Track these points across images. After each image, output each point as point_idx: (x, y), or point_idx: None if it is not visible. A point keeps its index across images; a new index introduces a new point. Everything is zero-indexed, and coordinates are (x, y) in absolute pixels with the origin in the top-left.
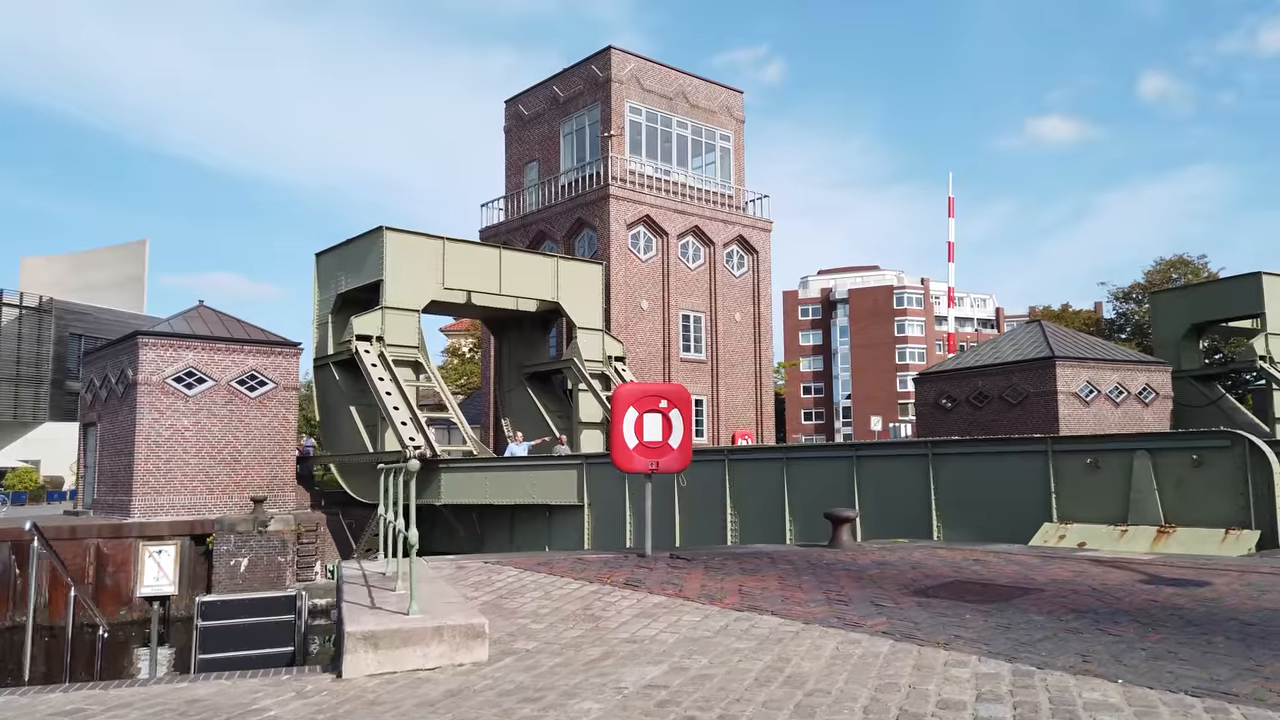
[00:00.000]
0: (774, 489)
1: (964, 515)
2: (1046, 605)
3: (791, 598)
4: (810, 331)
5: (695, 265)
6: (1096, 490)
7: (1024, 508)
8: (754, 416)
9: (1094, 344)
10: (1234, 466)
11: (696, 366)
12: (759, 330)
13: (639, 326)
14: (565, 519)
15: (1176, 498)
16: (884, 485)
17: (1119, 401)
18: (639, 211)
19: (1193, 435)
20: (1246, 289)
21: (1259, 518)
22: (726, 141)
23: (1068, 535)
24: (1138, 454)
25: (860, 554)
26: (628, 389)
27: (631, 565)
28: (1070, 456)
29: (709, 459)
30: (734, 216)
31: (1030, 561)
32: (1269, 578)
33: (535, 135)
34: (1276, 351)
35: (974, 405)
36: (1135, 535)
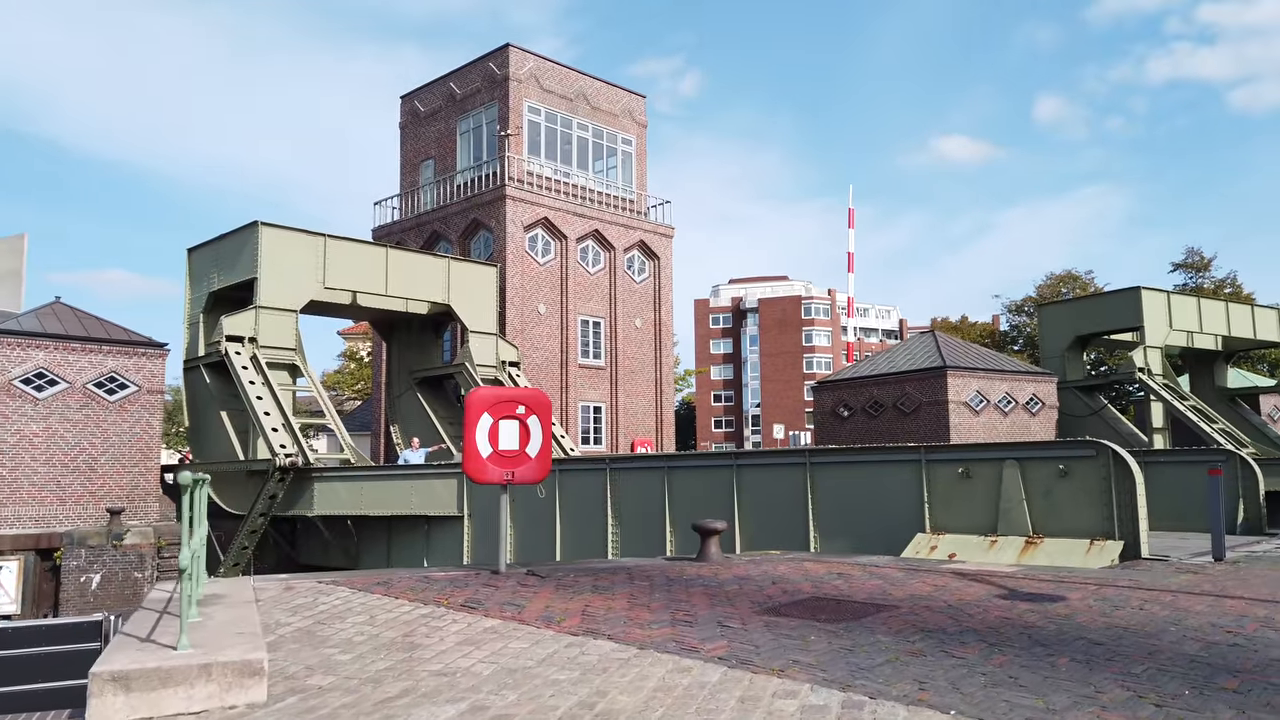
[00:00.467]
0: (655, 499)
1: (841, 526)
2: (897, 624)
3: (636, 619)
4: (721, 340)
5: (595, 270)
6: (968, 500)
7: (899, 518)
8: (654, 424)
9: (984, 355)
10: (1099, 476)
11: (596, 373)
12: (660, 337)
13: (536, 331)
14: (444, 531)
15: (1044, 508)
16: (763, 495)
17: (1007, 411)
18: (537, 213)
19: (1059, 445)
20: (1126, 303)
21: (1122, 528)
22: (629, 145)
23: (939, 546)
24: (1007, 464)
25: (725, 568)
26: (481, 394)
27: (479, 584)
28: (942, 466)
29: (591, 468)
30: (635, 221)
31: (894, 575)
32: (1124, 592)
33: (431, 132)
34: (1155, 363)
35: (869, 414)
36: (1004, 546)
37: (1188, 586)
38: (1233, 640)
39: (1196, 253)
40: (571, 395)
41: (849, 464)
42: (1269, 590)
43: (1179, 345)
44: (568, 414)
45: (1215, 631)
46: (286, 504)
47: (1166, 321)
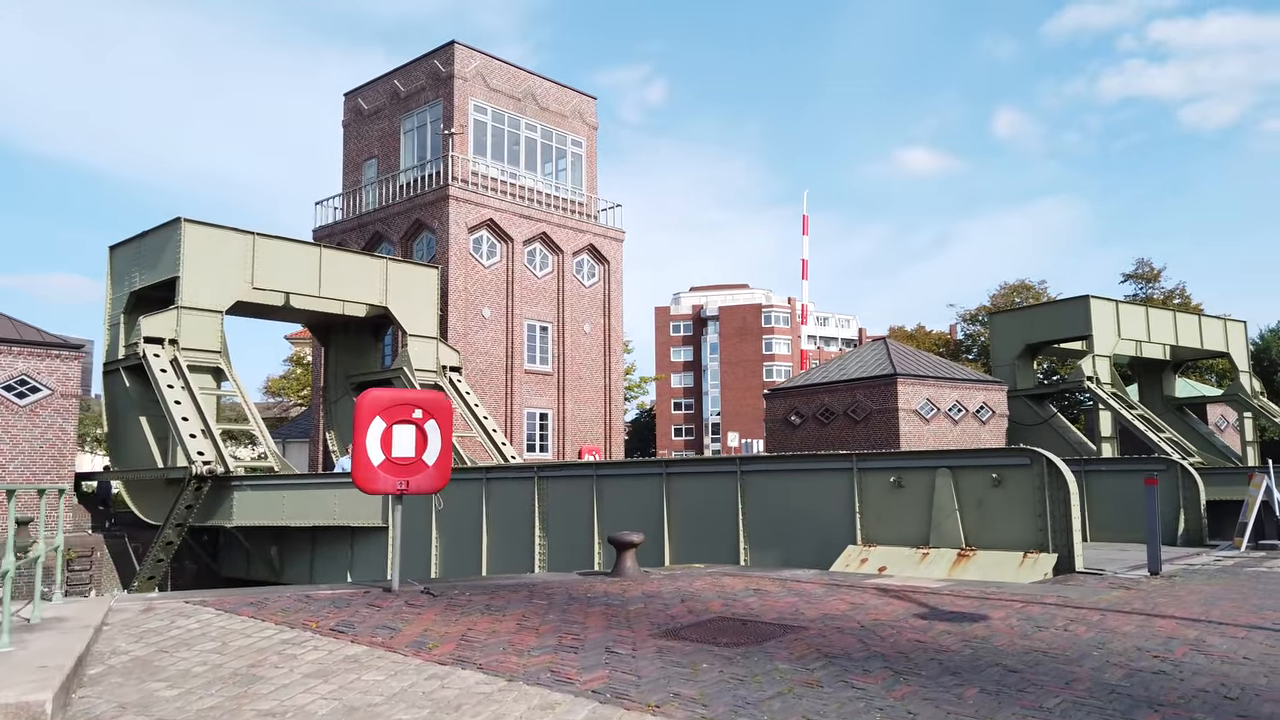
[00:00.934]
0: (584, 509)
1: (772, 537)
2: (801, 649)
3: (518, 644)
4: (682, 347)
5: (543, 273)
6: (900, 511)
7: (830, 529)
8: (603, 431)
9: (935, 363)
10: (1032, 486)
11: (542, 379)
12: (609, 342)
13: (480, 336)
14: (370, 543)
15: (978, 519)
16: (694, 505)
17: (957, 419)
18: (481, 215)
19: (992, 453)
20: (1076, 312)
21: (1056, 540)
22: (579, 147)
23: (870, 559)
24: (939, 472)
25: (639, 584)
26: (373, 396)
27: (363, 604)
28: (874, 475)
29: (518, 476)
30: (585, 224)
31: (813, 592)
32: (1050, 610)
33: (375, 131)
34: (1103, 372)
35: (821, 421)
36: (936, 559)
37: (1118, 604)
38: (1158, 667)
39: (1146, 264)
40: (517, 401)
41: (780, 472)
42: (1202, 608)
43: (1128, 354)
44: (512, 421)
45: (1141, 657)
46: (204, 514)
47: (1115, 330)
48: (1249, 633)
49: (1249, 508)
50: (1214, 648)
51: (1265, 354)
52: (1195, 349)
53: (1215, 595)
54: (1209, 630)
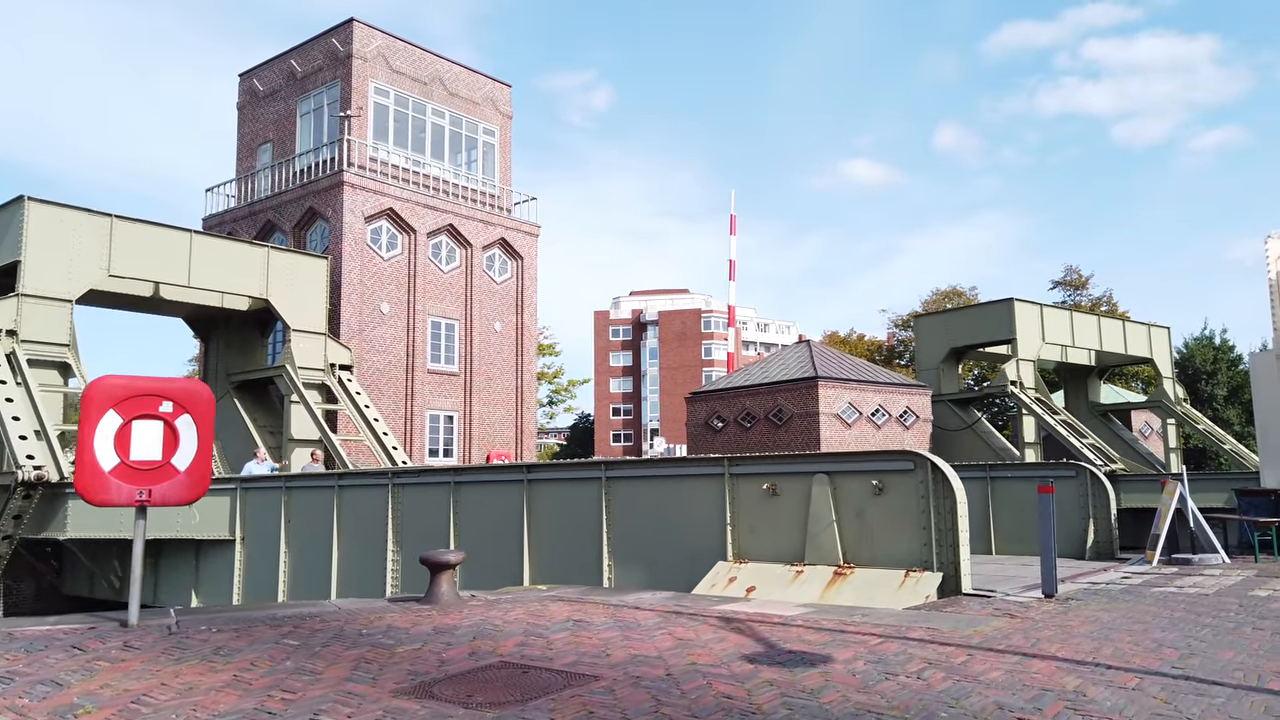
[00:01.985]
0: (440, 521)
1: (638, 553)
2: (571, 711)
3: (206, 706)
4: (621, 352)
5: (450, 268)
6: (775, 522)
7: (701, 543)
8: (513, 435)
9: (859, 366)
10: (916, 495)
11: (447, 379)
12: (522, 342)
13: (378, 332)
14: (217, 557)
15: (858, 531)
16: (558, 516)
17: (880, 424)
18: (380, 203)
19: (873, 456)
20: (999, 315)
21: (942, 557)
22: (491, 136)
23: (739, 577)
24: (816, 478)
25: (442, 614)
26: (105, 383)
27: (65, 645)
28: (748, 481)
29: (373, 483)
30: (496, 217)
31: (645, 622)
32: (909, 649)
33: (270, 114)
34: (1027, 376)
35: (742, 426)
36: (810, 578)
37: (994, 639)
38: None
39: (1075, 271)
40: (418, 403)
41: (648, 479)
42: (1092, 644)
43: (1053, 360)
44: (413, 423)
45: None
46: (37, 526)
47: (1039, 334)
48: (1141, 680)
49: (1161, 518)
50: (1095, 706)
51: (1190, 362)
52: (1120, 355)
53: (1112, 625)
54: (1094, 677)
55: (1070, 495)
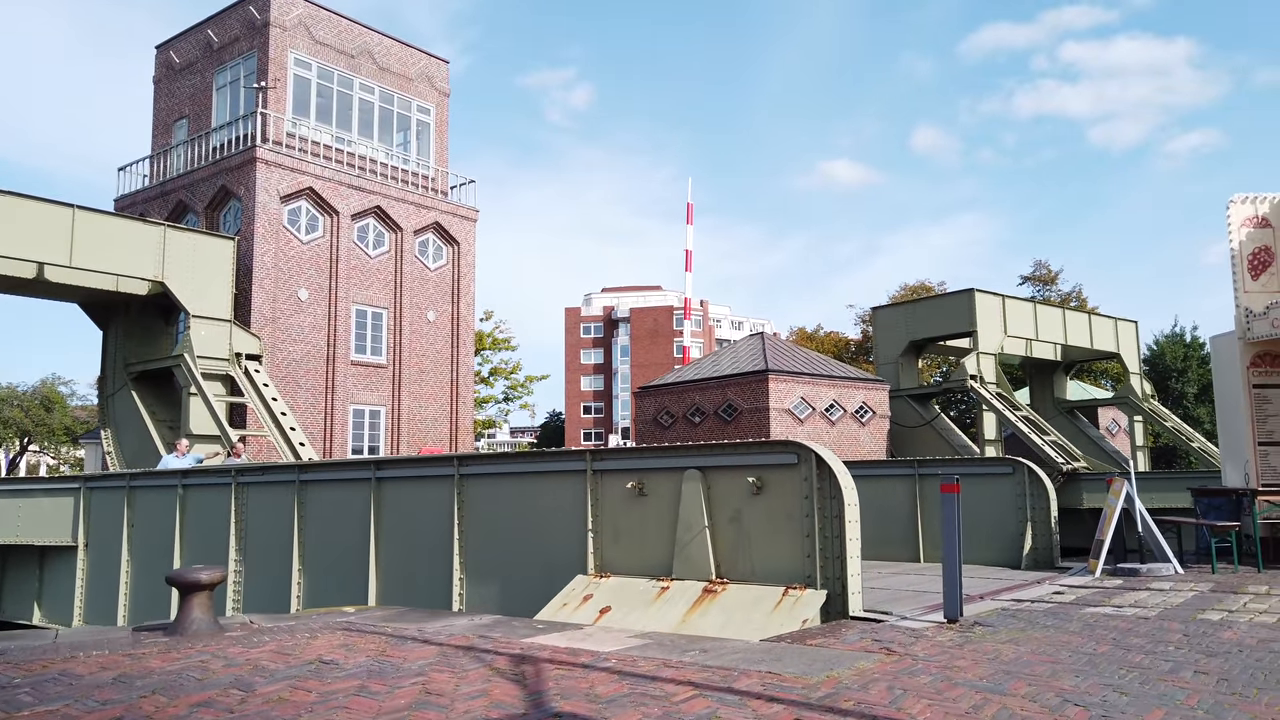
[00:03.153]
0: (284, 526)
1: (493, 565)
2: None
3: None
4: (592, 350)
5: (377, 253)
6: (643, 527)
7: (561, 553)
8: (448, 431)
9: (813, 359)
10: (799, 495)
11: (373, 371)
12: (458, 332)
13: (295, 321)
14: (60, 566)
15: (733, 538)
16: (410, 519)
17: (834, 420)
18: (299, 182)
19: (751, 448)
20: (960, 306)
21: (827, 570)
22: (426, 115)
23: (596, 595)
24: (687, 475)
25: (161, 653)
26: None
27: None
28: (614, 478)
29: (215, 482)
30: (429, 200)
31: (413, 664)
32: (723, 710)
33: (187, 88)
34: (988, 371)
35: (691, 422)
36: (676, 596)
37: (845, 691)
38: None
39: (1044, 265)
40: (339, 396)
41: (506, 476)
42: (973, 702)
43: (1018, 354)
44: (333, 418)
45: None
46: None
47: (1001, 327)
48: None
49: (1106, 521)
50: None
51: (1160, 359)
52: (1086, 349)
53: (1014, 667)
54: None
55: (1006, 495)
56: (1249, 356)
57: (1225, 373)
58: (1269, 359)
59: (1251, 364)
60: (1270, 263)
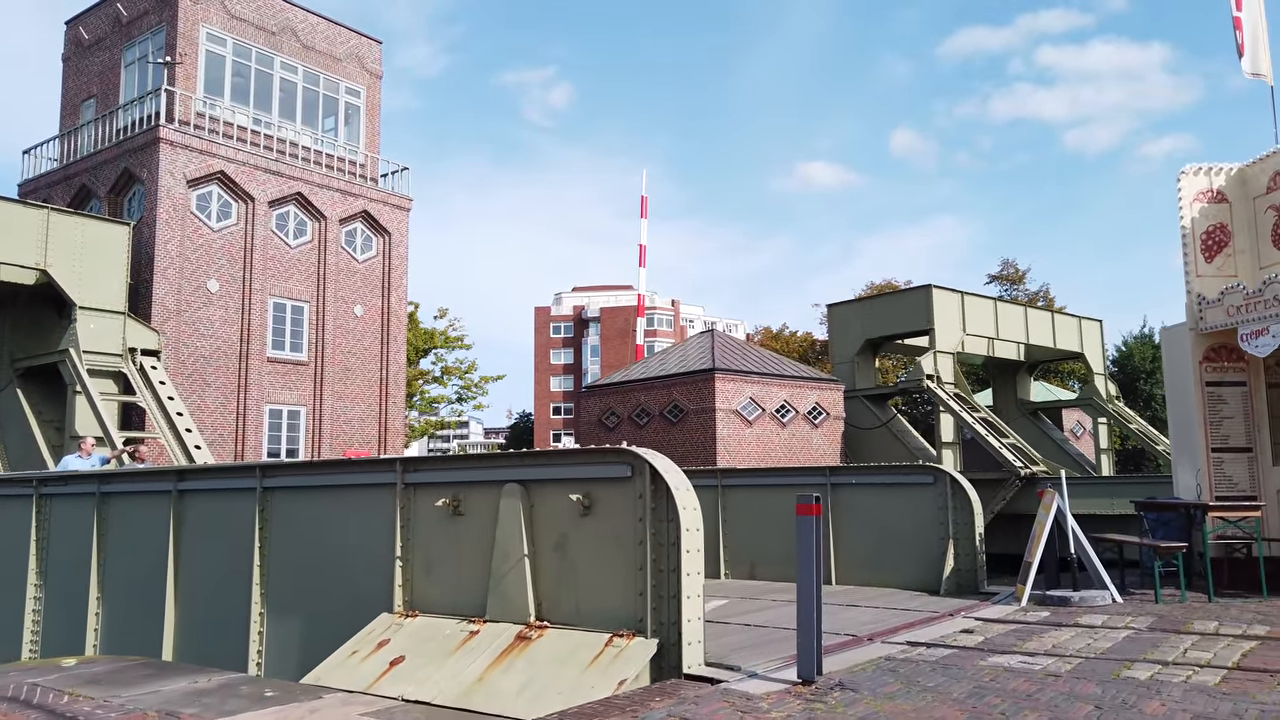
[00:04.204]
0: (82, 547)
1: (299, 599)
2: None
3: None
4: (562, 350)
5: (298, 242)
6: (459, 553)
7: (369, 584)
8: (377, 433)
9: (764, 357)
10: (633, 515)
11: (293, 369)
12: (388, 328)
13: (203, 314)
14: None
15: (558, 569)
16: (209, 544)
17: (785, 421)
18: (209, 165)
19: (579, 457)
20: (917, 303)
21: (660, 614)
22: (356, 97)
23: (394, 641)
24: (506, 490)
25: None
26: None
27: None
28: (427, 493)
29: (12, 493)
30: (357, 187)
31: None
32: None
33: (96, 65)
34: (946, 370)
35: (636, 423)
36: (484, 643)
37: None
38: None
39: (1011, 264)
40: (254, 395)
41: (311, 489)
42: None
43: (980, 354)
44: (246, 419)
45: None
46: None
47: (960, 325)
48: None
49: (1034, 540)
50: None
51: (1128, 360)
52: (1049, 349)
53: None
54: None
55: (926, 509)
56: (1202, 350)
57: (1176, 369)
58: (1224, 353)
59: (1205, 358)
60: (1226, 242)
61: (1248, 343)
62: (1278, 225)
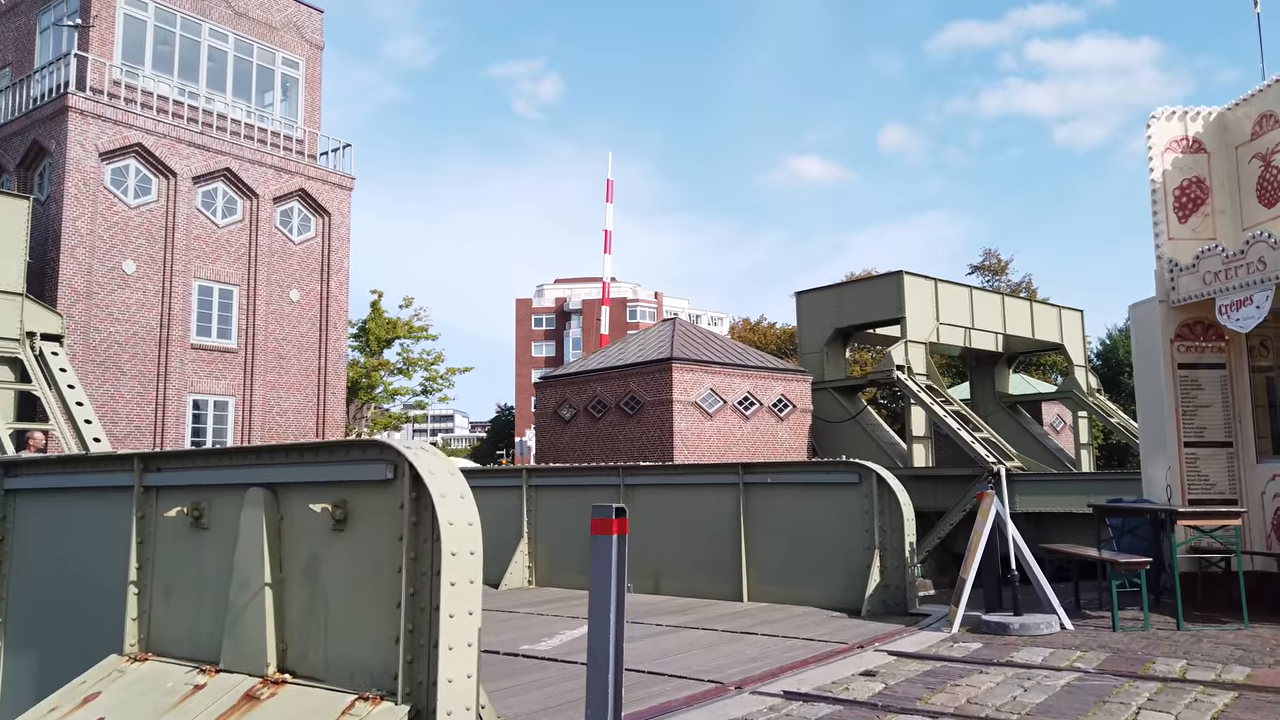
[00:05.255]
0: None
1: (36, 631)
2: None
3: None
4: (543, 342)
5: (227, 222)
6: (200, 577)
7: (102, 615)
8: (314, 425)
9: (727, 346)
10: (391, 533)
11: (220, 357)
12: (328, 314)
13: (118, 297)
14: None
15: (308, 602)
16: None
17: (749, 414)
18: (125, 137)
19: (334, 452)
20: (887, 290)
21: (416, 668)
22: (294, 69)
23: (105, 694)
24: (249, 495)
25: None
26: None
27: None
28: (167, 498)
29: None
30: (292, 163)
31: None
32: None
33: (10, 31)
34: (917, 361)
35: (592, 416)
36: (206, 700)
37: None
38: None
39: (994, 255)
40: (175, 384)
41: (54, 493)
42: None
43: (956, 344)
44: (166, 410)
45: None
46: None
47: (933, 314)
48: None
49: (970, 552)
50: None
51: (1113, 354)
52: (1027, 339)
53: None
54: None
55: (850, 513)
56: (1174, 326)
57: (1145, 350)
58: (1200, 330)
59: (1177, 336)
60: (1204, 200)
61: (1227, 316)
62: (1264, 177)
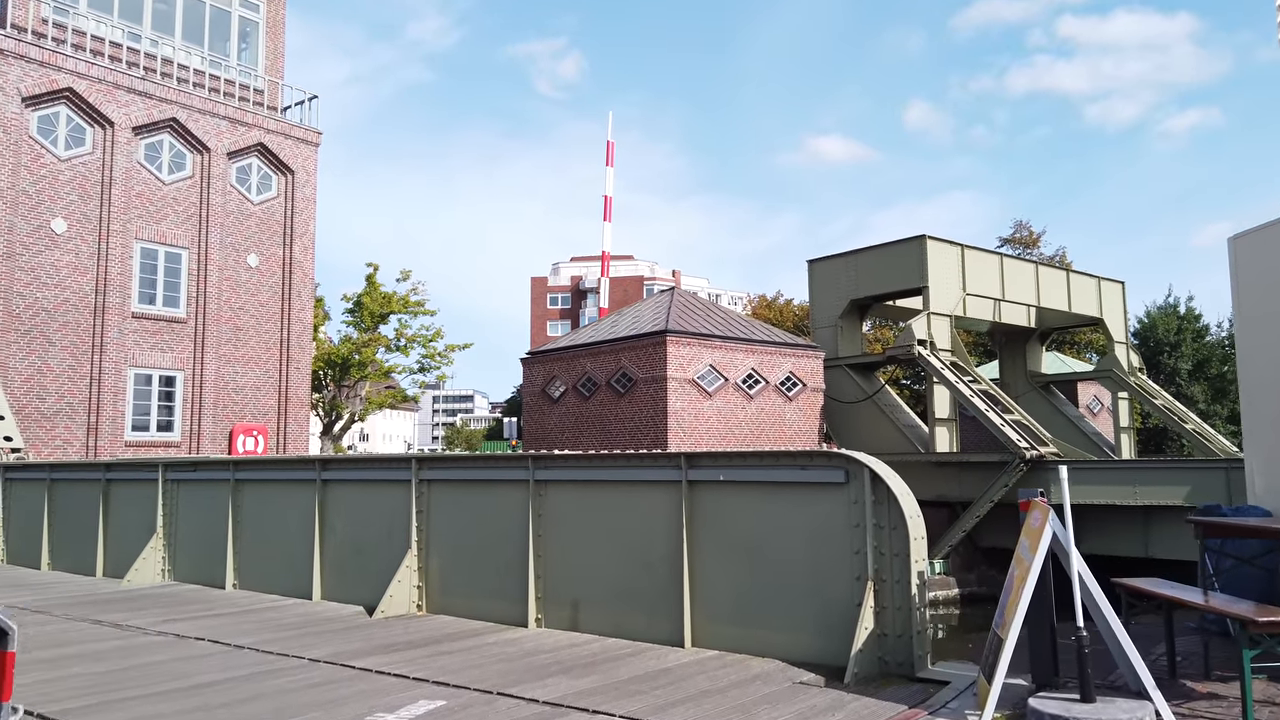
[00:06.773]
0: None
1: None
2: None
3: None
4: (559, 321)
5: (174, 178)
6: None
7: None
8: (275, 404)
9: (730, 319)
10: None
11: (167, 328)
12: (290, 282)
13: (46, 258)
14: None
15: None
16: None
17: (753, 393)
18: (53, 81)
19: None
20: (909, 256)
21: None
22: (254, 12)
23: None
24: None
25: None
26: None
27: None
28: None
29: None
30: (250, 115)
31: None
32: None
33: None
34: (941, 336)
35: (582, 394)
36: None
37: None
38: None
39: (1025, 226)
40: (113, 357)
41: None
42: None
43: (984, 318)
44: (101, 385)
45: None
46: None
47: (959, 283)
48: None
49: (1011, 601)
50: None
51: (1151, 333)
52: (1063, 313)
53: None
54: None
55: (832, 525)
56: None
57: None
58: None
59: None
60: None
61: None
62: None
